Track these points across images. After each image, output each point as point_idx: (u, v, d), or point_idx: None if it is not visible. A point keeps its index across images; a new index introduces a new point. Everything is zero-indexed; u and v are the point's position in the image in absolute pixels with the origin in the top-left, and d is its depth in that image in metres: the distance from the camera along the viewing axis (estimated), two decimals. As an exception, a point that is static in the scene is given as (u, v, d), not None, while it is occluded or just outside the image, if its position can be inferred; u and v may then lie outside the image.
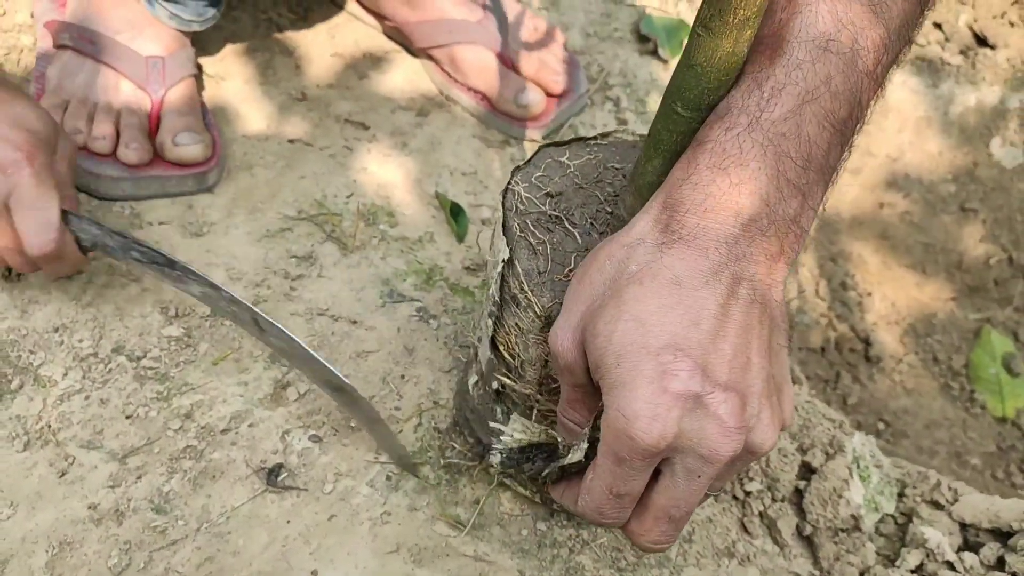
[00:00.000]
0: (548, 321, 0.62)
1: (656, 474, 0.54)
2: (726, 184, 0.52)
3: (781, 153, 0.52)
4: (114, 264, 0.90)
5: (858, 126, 0.57)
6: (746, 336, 0.52)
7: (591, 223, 0.67)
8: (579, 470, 0.57)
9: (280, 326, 0.74)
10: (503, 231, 0.65)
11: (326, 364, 0.73)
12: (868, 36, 0.55)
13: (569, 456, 0.56)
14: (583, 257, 0.64)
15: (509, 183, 0.68)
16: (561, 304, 0.62)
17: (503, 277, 0.65)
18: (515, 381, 0.68)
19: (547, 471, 0.59)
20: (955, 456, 1.29)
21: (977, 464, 1.29)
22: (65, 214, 0.78)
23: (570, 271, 0.63)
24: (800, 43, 0.54)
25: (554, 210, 0.67)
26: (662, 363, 0.50)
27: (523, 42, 1.13)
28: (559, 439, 0.57)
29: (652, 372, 0.50)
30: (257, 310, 0.75)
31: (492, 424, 0.60)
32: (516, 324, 0.65)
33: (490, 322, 0.68)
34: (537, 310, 0.63)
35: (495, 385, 0.72)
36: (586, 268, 0.56)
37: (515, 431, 0.59)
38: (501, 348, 0.69)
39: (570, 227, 0.66)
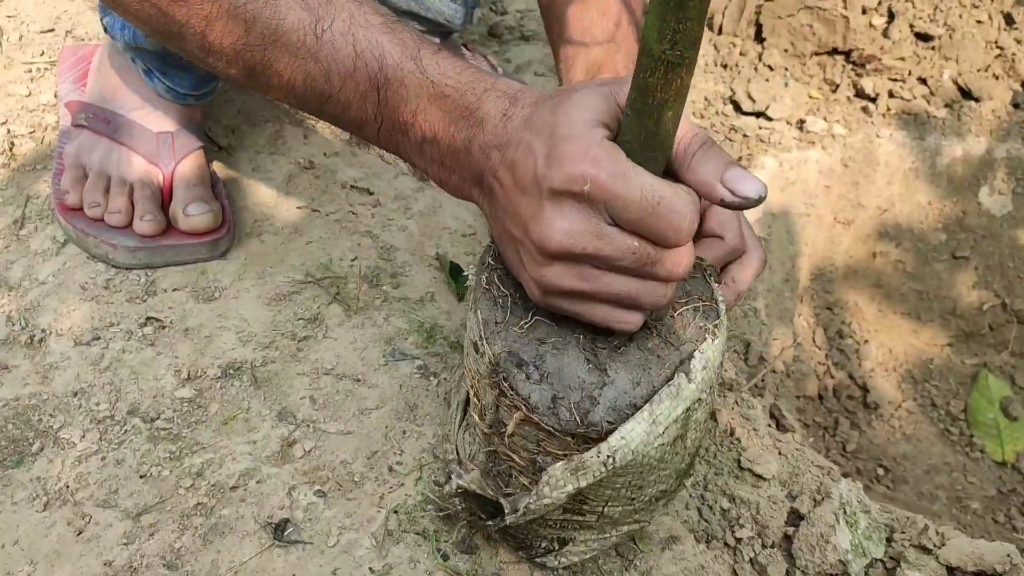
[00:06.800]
0: (495, 368, 0.66)
1: None
2: None
3: None
4: (131, 330, 0.94)
5: None
6: None
7: None
8: None
9: None
10: (475, 284, 0.70)
11: None
12: None
13: None
14: (541, 313, 0.69)
15: (490, 243, 0.73)
16: (509, 352, 0.65)
17: (469, 326, 0.70)
18: (480, 421, 0.72)
19: None
20: (956, 501, 1.31)
21: (977, 508, 1.30)
22: None
23: (525, 323, 0.68)
24: None
25: None
26: None
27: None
28: None
29: None
30: None
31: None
32: (477, 369, 0.70)
33: (463, 370, 0.73)
34: (489, 357, 0.67)
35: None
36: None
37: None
38: (471, 393, 0.73)
39: None
